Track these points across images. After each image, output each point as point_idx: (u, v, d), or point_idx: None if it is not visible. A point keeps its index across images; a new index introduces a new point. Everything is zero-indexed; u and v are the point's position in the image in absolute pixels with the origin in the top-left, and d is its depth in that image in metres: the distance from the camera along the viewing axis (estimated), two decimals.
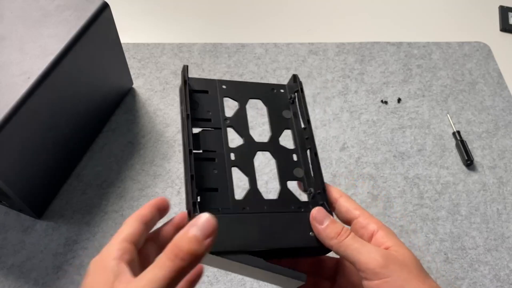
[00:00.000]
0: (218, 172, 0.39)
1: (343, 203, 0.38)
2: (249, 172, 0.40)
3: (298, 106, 0.44)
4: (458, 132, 0.74)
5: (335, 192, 0.39)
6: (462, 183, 0.69)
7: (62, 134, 0.61)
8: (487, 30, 0.91)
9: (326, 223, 0.36)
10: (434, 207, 0.66)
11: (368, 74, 0.81)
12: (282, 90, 0.45)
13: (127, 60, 0.74)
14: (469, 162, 0.70)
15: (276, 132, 0.43)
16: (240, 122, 0.43)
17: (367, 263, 0.33)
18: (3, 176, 0.51)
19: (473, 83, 0.81)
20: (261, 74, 0.80)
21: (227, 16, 0.90)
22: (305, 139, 0.42)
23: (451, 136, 0.74)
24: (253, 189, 0.39)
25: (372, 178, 0.69)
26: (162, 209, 0.36)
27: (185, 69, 0.40)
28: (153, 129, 0.72)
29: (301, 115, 0.43)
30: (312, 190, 0.40)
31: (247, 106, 0.44)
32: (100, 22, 0.59)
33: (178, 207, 0.64)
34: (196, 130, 0.40)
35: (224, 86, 0.44)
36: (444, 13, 0.94)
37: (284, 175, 0.40)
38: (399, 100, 0.78)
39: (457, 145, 0.73)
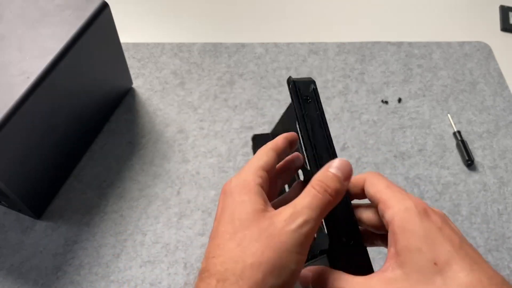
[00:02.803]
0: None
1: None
2: None
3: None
4: (459, 132, 0.74)
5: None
6: (462, 183, 0.69)
7: (61, 134, 0.61)
8: (488, 29, 0.91)
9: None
10: (435, 207, 0.66)
11: (369, 74, 0.81)
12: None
13: (127, 59, 0.74)
14: (469, 162, 0.70)
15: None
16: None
17: None
18: (2, 176, 0.51)
19: (473, 83, 0.81)
20: (261, 74, 0.80)
21: (227, 16, 0.89)
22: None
23: (452, 136, 0.74)
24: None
25: None
26: (294, 143, 0.37)
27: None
28: (153, 129, 0.72)
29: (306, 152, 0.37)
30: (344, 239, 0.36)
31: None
32: (100, 22, 0.59)
33: (178, 207, 0.64)
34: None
35: None
36: (445, 13, 0.94)
37: None
38: (399, 100, 0.78)
39: (457, 145, 0.72)
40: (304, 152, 0.36)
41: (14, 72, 0.52)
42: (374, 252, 0.61)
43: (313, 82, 0.37)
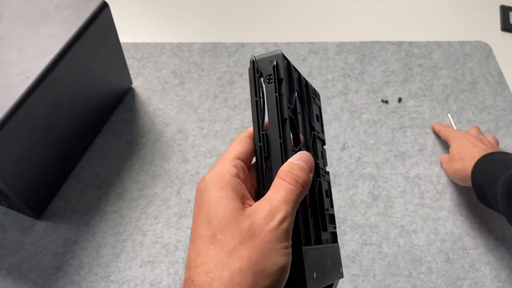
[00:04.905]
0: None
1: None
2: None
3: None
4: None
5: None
6: None
7: (61, 134, 0.60)
8: (488, 29, 0.91)
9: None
10: (435, 207, 0.66)
11: (369, 74, 0.81)
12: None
13: (127, 59, 0.74)
14: None
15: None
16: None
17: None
18: (1, 176, 0.51)
19: (474, 83, 0.81)
20: None
21: (227, 16, 0.89)
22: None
23: None
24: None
25: (372, 178, 0.69)
26: None
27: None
28: (153, 129, 0.71)
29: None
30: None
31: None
32: (100, 22, 0.59)
33: (177, 207, 0.64)
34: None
35: None
36: (445, 13, 0.94)
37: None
38: (399, 99, 0.78)
39: None
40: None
41: (14, 72, 0.52)
42: (374, 252, 0.61)
43: (278, 56, 0.33)
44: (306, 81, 0.39)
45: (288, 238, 0.29)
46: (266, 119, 0.33)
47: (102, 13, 0.59)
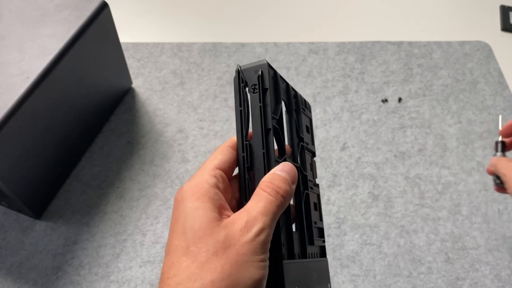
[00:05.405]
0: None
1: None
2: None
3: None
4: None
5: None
6: (463, 183, 0.69)
7: (61, 134, 0.60)
8: (488, 29, 0.91)
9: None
10: (435, 207, 0.66)
11: (369, 74, 0.81)
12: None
13: (126, 59, 0.74)
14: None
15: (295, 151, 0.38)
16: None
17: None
18: (1, 176, 0.51)
19: (474, 83, 0.81)
20: None
21: (227, 15, 0.89)
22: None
23: (452, 135, 0.74)
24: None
25: (372, 178, 0.69)
26: None
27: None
28: (153, 129, 0.72)
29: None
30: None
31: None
32: (99, 22, 0.59)
33: None
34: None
35: None
36: (445, 12, 0.94)
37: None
38: (399, 99, 0.78)
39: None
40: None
41: (14, 72, 0.52)
42: (374, 252, 0.61)
43: (264, 66, 0.33)
44: (296, 92, 0.38)
45: (265, 250, 0.28)
46: (251, 129, 0.33)
47: (102, 13, 0.59)
